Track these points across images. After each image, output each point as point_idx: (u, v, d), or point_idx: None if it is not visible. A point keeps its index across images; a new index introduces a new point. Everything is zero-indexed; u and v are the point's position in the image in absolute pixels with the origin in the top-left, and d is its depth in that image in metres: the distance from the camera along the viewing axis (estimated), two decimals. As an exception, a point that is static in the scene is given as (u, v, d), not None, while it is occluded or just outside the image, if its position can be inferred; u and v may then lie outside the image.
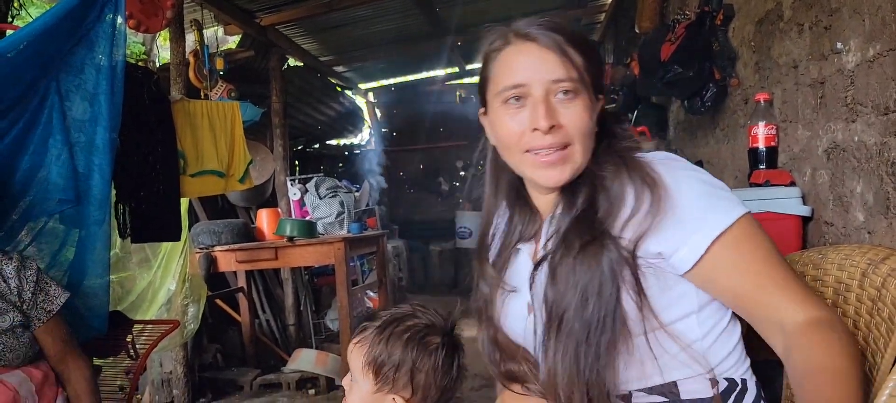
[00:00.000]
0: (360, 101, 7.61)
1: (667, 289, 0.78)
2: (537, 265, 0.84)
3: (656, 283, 0.78)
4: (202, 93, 3.25)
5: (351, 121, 7.10)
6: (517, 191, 0.92)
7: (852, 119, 1.31)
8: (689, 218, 0.76)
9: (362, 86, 7.28)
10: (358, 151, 7.45)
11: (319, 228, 4.52)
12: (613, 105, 3.66)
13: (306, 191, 4.72)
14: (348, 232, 4.00)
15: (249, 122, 4.07)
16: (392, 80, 7.79)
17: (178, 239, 2.34)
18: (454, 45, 5.74)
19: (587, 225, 0.80)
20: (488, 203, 0.96)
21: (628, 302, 0.77)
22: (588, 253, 0.78)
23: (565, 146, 0.81)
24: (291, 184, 4.68)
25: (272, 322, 4.45)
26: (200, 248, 3.55)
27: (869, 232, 1.26)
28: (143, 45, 4.79)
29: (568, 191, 0.84)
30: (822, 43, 1.44)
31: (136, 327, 1.93)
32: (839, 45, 1.35)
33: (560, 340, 0.78)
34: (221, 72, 3.41)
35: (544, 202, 0.89)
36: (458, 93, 7.69)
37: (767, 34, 1.76)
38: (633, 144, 0.87)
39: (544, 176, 0.82)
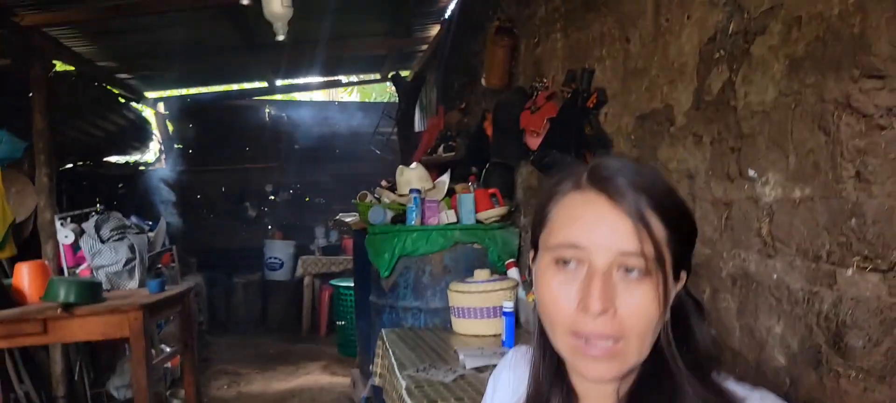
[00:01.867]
0: (149, 113, 6.58)
1: None
2: None
3: None
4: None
5: (136, 136, 6.09)
6: (557, 366, 0.72)
7: (770, 254, 1.27)
8: None
9: (150, 95, 6.28)
10: (144, 170, 6.42)
11: (101, 278, 3.69)
12: (452, 153, 3.54)
13: (82, 232, 3.84)
14: (146, 288, 3.28)
15: (6, 161, 3.17)
16: (187, 91, 6.88)
17: None
18: (268, 59, 5.21)
19: None
20: (536, 369, 0.74)
21: None
22: None
23: (617, 339, 0.62)
24: (61, 224, 3.76)
25: (33, 395, 3.51)
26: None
27: (790, 378, 1.23)
28: None
29: (629, 394, 0.67)
30: (727, 163, 1.40)
31: None
32: (752, 173, 1.31)
33: None
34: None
35: (591, 393, 0.71)
36: (267, 111, 7.06)
37: (653, 133, 1.72)
38: (714, 354, 0.69)
39: (587, 367, 0.65)
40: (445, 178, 2.97)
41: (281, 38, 3.08)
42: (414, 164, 3.12)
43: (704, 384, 0.65)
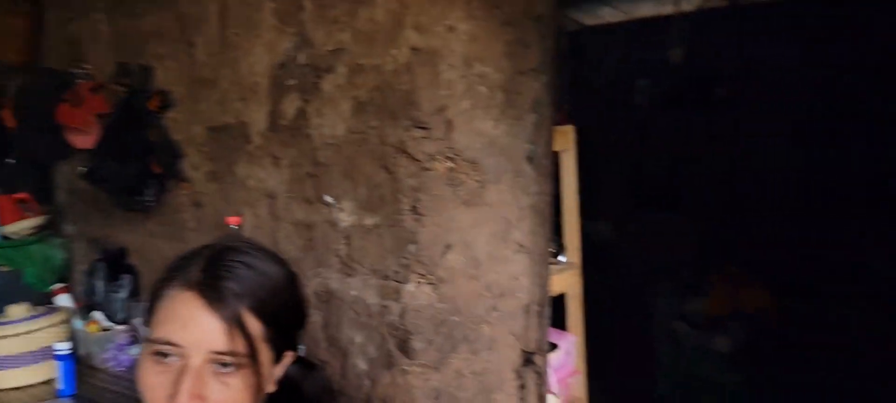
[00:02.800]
0: None
1: None
2: None
3: None
4: None
5: None
6: None
7: (349, 273, 1.40)
8: None
9: None
10: None
11: None
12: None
13: None
14: None
15: None
16: None
17: None
18: None
19: None
20: None
21: None
22: None
23: None
24: None
25: None
26: None
27: (370, 380, 1.40)
28: None
29: None
30: (306, 187, 1.46)
31: None
32: (329, 199, 1.41)
33: None
34: None
35: None
36: None
37: (229, 148, 1.66)
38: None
39: None
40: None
41: None
42: None
43: None
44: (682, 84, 4.52)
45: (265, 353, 0.70)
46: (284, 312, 0.73)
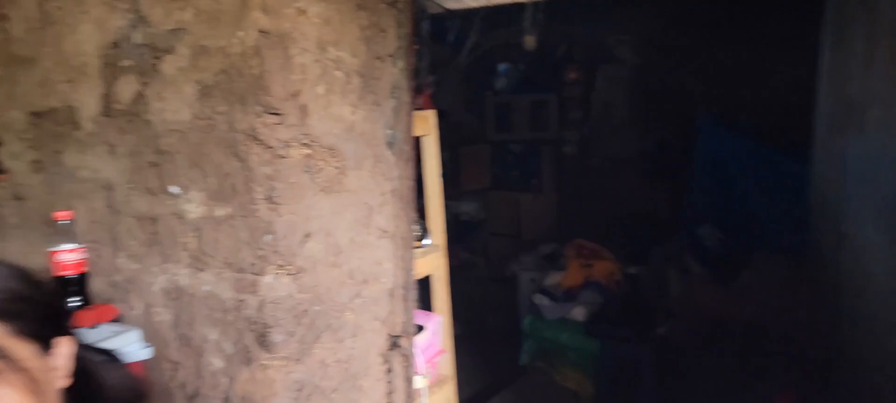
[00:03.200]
0: None
1: None
2: None
3: None
4: None
5: None
6: None
7: (201, 268, 1.32)
8: None
9: None
10: None
11: None
12: None
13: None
14: None
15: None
16: None
17: None
18: None
19: None
20: None
21: None
22: None
23: None
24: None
25: None
26: None
27: (228, 378, 1.34)
28: None
29: None
30: (147, 178, 1.35)
31: None
32: (175, 189, 1.31)
33: None
34: None
35: None
36: None
37: (55, 135, 1.48)
38: (130, 396, 0.80)
39: None
40: None
41: None
42: None
43: None
44: (537, 68, 4.76)
45: (23, 349, 0.66)
46: (20, 303, 0.68)
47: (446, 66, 4.22)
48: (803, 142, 2.85)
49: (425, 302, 2.45)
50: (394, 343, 1.67)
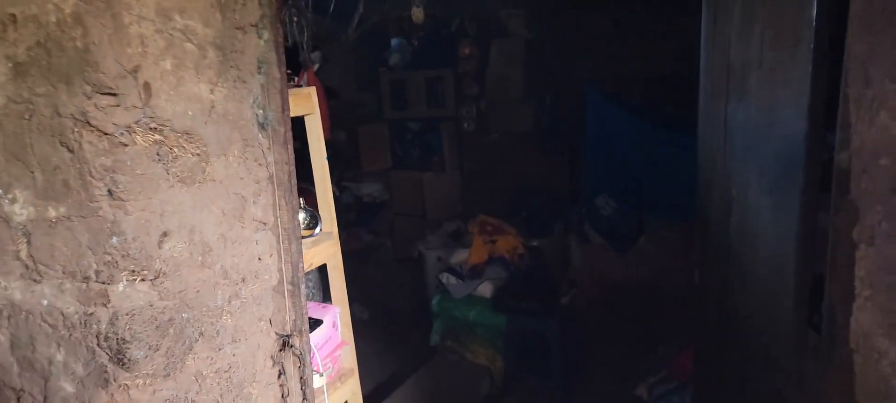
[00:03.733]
0: None
1: None
2: None
3: None
4: None
5: None
6: None
7: (36, 279, 1.12)
8: None
9: None
10: None
11: None
12: None
13: None
14: None
15: None
16: None
17: None
18: None
19: None
20: None
21: None
22: None
23: None
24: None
25: None
26: None
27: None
28: None
29: None
30: (-39, 177, 1.12)
31: None
32: (-4, 190, 1.10)
33: None
34: None
35: None
36: None
37: None
38: None
39: None
40: None
41: None
42: None
43: None
44: (431, 43, 4.67)
45: None
46: None
47: (333, 41, 4.02)
48: (689, 111, 2.94)
49: (325, 294, 2.31)
50: (285, 344, 1.53)
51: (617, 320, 3.66)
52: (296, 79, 2.11)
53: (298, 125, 1.73)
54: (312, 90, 1.79)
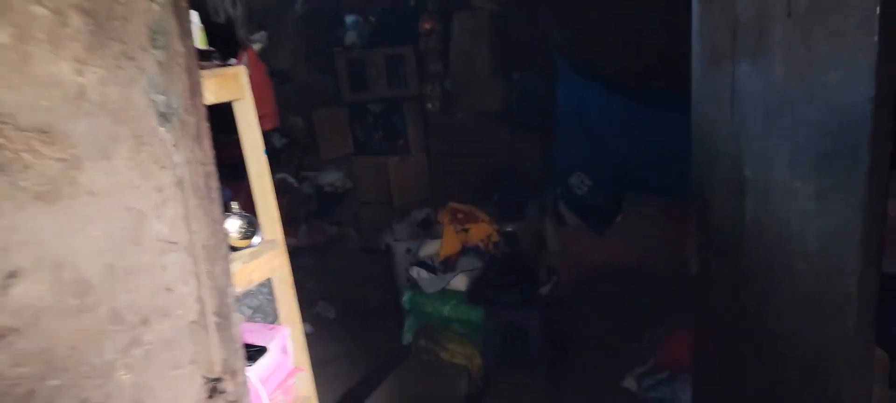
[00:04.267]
0: None
1: None
2: None
3: None
4: None
5: None
6: None
7: None
8: None
9: None
10: None
11: None
12: None
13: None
14: None
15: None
16: None
17: None
18: None
19: None
20: None
21: None
22: None
23: None
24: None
25: None
26: None
27: None
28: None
29: None
30: None
31: None
32: None
33: None
34: None
35: None
36: None
37: None
38: None
39: None
40: None
41: None
42: None
43: None
44: (389, 19, 4.32)
45: None
46: None
47: (278, 18, 3.65)
48: (671, 81, 2.70)
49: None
50: (213, 389, 1.23)
51: (597, 305, 3.45)
52: (234, 62, 1.78)
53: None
54: (242, 69, 1.47)
